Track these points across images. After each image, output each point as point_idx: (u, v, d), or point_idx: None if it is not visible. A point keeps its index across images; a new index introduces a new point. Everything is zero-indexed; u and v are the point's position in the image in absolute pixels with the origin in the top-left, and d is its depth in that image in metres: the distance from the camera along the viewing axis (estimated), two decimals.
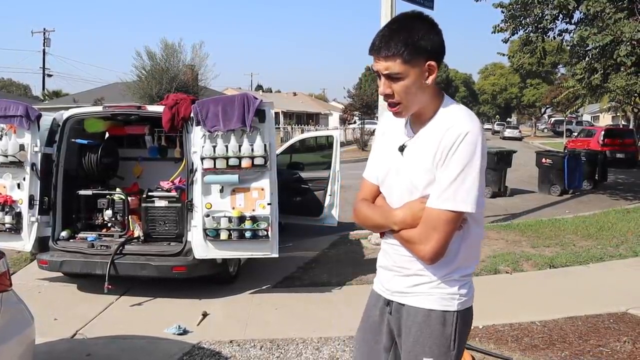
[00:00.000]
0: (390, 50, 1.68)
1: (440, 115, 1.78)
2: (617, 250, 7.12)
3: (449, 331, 1.83)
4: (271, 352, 4.07)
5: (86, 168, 5.76)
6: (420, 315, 1.84)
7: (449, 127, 1.72)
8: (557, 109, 35.79)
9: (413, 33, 1.69)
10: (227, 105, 4.86)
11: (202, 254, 4.98)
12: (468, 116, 1.76)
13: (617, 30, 8.24)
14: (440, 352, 1.83)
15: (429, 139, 1.76)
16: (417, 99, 1.75)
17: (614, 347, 4.11)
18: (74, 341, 4.32)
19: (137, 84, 22.06)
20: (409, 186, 1.81)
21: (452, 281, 1.83)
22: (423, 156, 1.77)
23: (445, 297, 1.83)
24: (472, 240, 1.85)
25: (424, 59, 1.70)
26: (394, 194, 1.88)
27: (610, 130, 21.84)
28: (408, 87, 1.71)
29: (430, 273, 1.82)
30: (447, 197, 1.70)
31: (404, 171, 1.83)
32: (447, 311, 1.82)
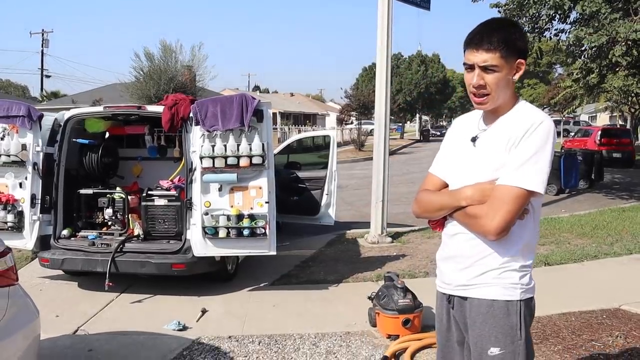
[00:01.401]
0: (493, 45, 1.84)
1: (515, 110, 1.93)
2: (612, 248, 7.21)
3: (514, 320, 1.88)
4: (269, 347, 4.15)
5: (87, 167, 5.84)
6: (484, 306, 1.91)
7: (525, 117, 1.86)
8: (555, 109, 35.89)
9: (510, 33, 1.87)
10: (225, 105, 4.93)
11: (201, 251, 5.05)
12: (542, 112, 1.92)
13: (613, 31, 8.33)
14: (506, 342, 1.88)
15: (503, 128, 1.89)
16: (503, 93, 1.89)
17: (606, 341, 4.19)
18: (75, 337, 4.40)
19: (136, 84, 22.02)
20: (480, 172, 1.91)
21: (512, 271, 1.90)
22: (496, 143, 1.88)
23: (507, 287, 1.90)
24: (531, 232, 1.94)
25: (515, 57, 1.87)
26: (462, 182, 1.96)
27: (607, 130, 21.94)
28: (500, 79, 1.86)
29: (492, 261, 1.90)
30: (519, 175, 1.80)
31: (475, 159, 1.94)
32: (510, 301, 1.89)
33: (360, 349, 4.10)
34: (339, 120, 40.38)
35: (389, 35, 7.44)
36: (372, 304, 4.46)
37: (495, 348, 1.89)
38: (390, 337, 4.20)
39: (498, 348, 1.89)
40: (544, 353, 3.98)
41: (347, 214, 10.60)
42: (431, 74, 41.79)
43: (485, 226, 1.83)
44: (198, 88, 23.88)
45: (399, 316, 4.13)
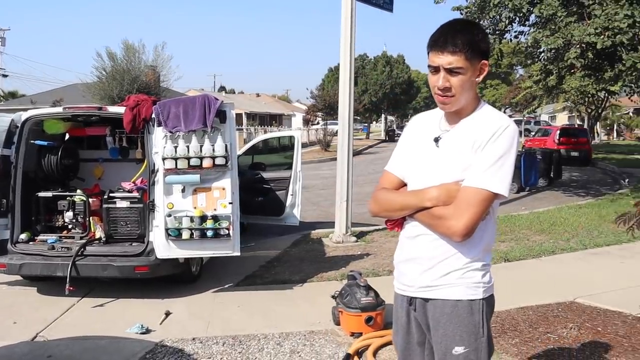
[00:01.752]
0: (457, 47, 1.85)
1: (479, 112, 1.96)
2: (568, 243, 7.45)
3: (477, 319, 1.92)
4: (233, 348, 4.16)
5: (46, 170, 5.70)
6: (448, 306, 1.93)
7: (491, 121, 1.90)
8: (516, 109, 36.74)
9: (474, 35, 1.89)
10: (188, 106, 4.91)
11: (164, 253, 5.02)
12: (506, 116, 1.97)
13: (568, 34, 8.61)
14: (470, 340, 1.93)
15: (468, 130, 1.92)
16: (467, 94, 1.92)
17: (560, 333, 4.35)
18: (34, 344, 4.30)
19: (98, 84, 21.66)
20: (445, 173, 1.92)
21: (475, 270, 1.93)
22: (461, 145, 1.91)
23: (470, 287, 1.93)
24: (491, 232, 1.99)
25: (479, 59, 1.90)
26: (424, 183, 1.97)
27: (565, 130, 22.60)
28: (464, 81, 1.88)
29: (455, 261, 1.92)
30: (485, 178, 1.83)
31: (438, 160, 1.95)
32: (473, 300, 1.93)
33: (324, 348, 4.15)
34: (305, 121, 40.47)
35: (352, 36, 7.51)
36: (336, 302, 4.51)
37: (460, 347, 1.93)
38: (354, 335, 4.26)
39: (462, 347, 1.93)
40: (502, 346, 4.10)
41: (312, 214, 10.64)
42: (396, 74, 42.22)
43: (452, 227, 1.85)
44: (162, 88, 23.61)
45: (361, 314, 4.19)
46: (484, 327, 1.94)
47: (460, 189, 1.87)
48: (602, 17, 8.00)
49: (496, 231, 2.01)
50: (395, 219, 2.10)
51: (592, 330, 4.41)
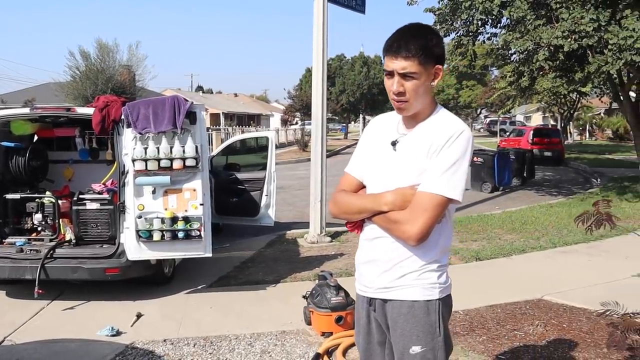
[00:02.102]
0: (411, 52, 1.86)
1: (436, 116, 1.98)
2: (538, 242, 7.61)
3: (434, 319, 1.95)
4: (204, 349, 4.16)
5: (13, 171, 5.61)
6: (405, 307, 1.97)
7: (446, 125, 1.92)
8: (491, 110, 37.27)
9: (427, 40, 1.90)
10: (157, 107, 4.89)
11: (135, 255, 4.99)
12: (461, 121, 1.99)
13: (537, 36, 8.78)
14: (427, 339, 1.95)
15: (424, 134, 1.94)
16: (422, 98, 1.93)
17: (527, 330, 4.44)
18: (1, 348, 4.24)
19: (71, 84, 21.29)
20: (401, 177, 1.94)
21: (431, 272, 1.96)
22: (417, 149, 1.93)
23: (426, 287, 1.96)
24: (447, 235, 2.02)
25: (433, 63, 1.91)
26: (382, 186, 1.99)
27: (538, 130, 22.99)
28: (418, 86, 1.90)
29: (411, 263, 1.95)
30: (440, 183, 1.86)
31: (395, 164, 1.97)
32: (429, 300, 1.96)
33: (295, 347, 4.18)
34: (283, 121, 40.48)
35: (324, 37, 7.56)
36: (307, 302, 4.54)
37: (417, 346, 1.97)
38: (324, 334, 4.29)
39: (419, 346, 1.96)
40: (469, 344, 4.17)
41: (288, 214, 10.66)
42: (374, 75, 42.41)
43: (407, 232, 1.89)
44: (138, 88, 23.33)
45: (331, 314, 4.23)
46: (440, 327, 1.97)
47: (415, 193, 1.90)
48: (569, 21, 8.19)
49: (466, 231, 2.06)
50: (354, 221, 2.13)
51: (557, 327, 4.52)
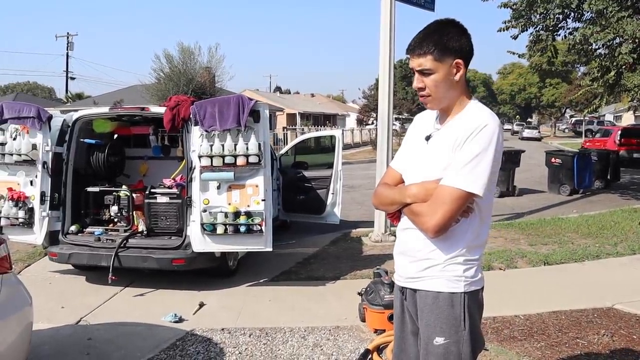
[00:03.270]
0: (423, 49, 1.95)
1: (466, 111, 2.01)
2: (615, 248, 7.19)
3: (458, 312, 1.98)
4: (259, 340, 4.31)
5: (94, 166, 6.08)
6: (430, 297, 2.01)
7: (471, 119, 1.95)
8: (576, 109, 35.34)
9: (444, 35, 1.95)
10: (223, 106, 5.11)
11: (200, 247, 5.24)
12: (490, 114, 2.00)
13: (620, 29, 8.28)
14: (451, 332, 1.98)
15: (452, 129, 1.98)
16: (446, 93, 1.98)
17: (591, 339, 4.23)
18: (77, 327, 4.62)
19: (156, 86, 22.49)
20: (429, 170, 2.00)
21: (457, 264, 1.99)
22: (444, 143, 1.97)
23: (451, 280, 1.98)
24: (476, 230, 2.01)
25: (452, 58, 1.95)
26: (413, 179, 2.07)
27: (627, 130, 21.58)
28: (437, 81, 1.96)
29: (437, 256, 1.99)
30: (459, 177, 1.89)
31: (426, 158, 2.04)
32: (454, 293, 1.98)
33: (347, 343, 4.23)
34: (358, 121, 40.47)
35: (391, 36, 7.53)
36: (361, 299, 4.58)
37: (440, 337, 1.98)
38: (377, 331, 4.31)
39: (443, 338, 1.98)
40: (526, 349, 4.05)
41: (357, 213, 10.70)
42: None
43: (425, 224, 1.94)
44: (217, 89, 24.23)
45: (384, 311, 4.24)
46: (465, 320, 1.97)
47: (437, 187, 1.93)
48: None
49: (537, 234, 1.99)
50: (391, 212, 2.19)
51: (626, 337, 4.28)
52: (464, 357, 1.99)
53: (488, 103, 63.70)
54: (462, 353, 1.98)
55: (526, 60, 14.24)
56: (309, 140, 9.27)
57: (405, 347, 2.22)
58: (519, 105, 62.48)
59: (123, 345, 4.20)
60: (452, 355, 1.99)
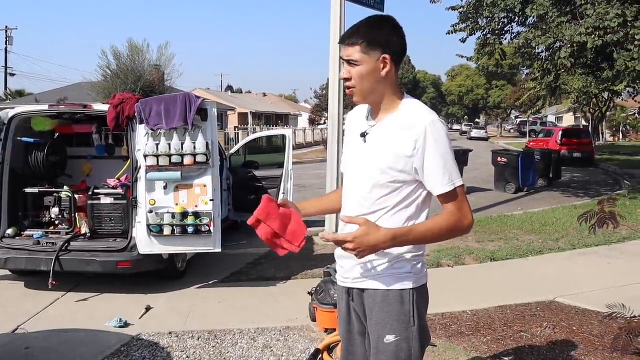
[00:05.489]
0: (352, 40, 1.93)
1: (403, 107, 1.97)
2: (557, 244, 7.45)
3: (407, 308, 1.95)
4: (208, 342, 4.22)
5: (32, 166, 5.79)
6: (380, 296, 1.98)
7: (417, 119, 1.91)
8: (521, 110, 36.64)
9: (375, 29, 1.93)
10: (169, 104, 4.99)
11: (146, 249, 5.10)
12: (428, 109, 1.98)
13: (559, 33, 8.60)
14: (401, 329, 1.96)
15: (396, 126, 1.94)
16: (371, 87, 1.95)
17: (534, 332, 4.36)
18: (14, 336, 4.40)
19: (102, 83, 21.82)
20: (369, 169, 1.97)
21: (404, 261, 1.97)
22: (391, 141, 1.93)
23: (400, 277, 1.96)
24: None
25: (379, 52, 1.92)
26: (353, 179, 2.04)
27: (567, 131, 22.52)
28: (362, 73, 1.93)
29: (384, 255, 1.95)
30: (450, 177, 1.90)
31: (365, 155, 1.99)
32: (403, 289, 1.96)
33: (297, 343, 4.20)
34: (310, 121, 40.58)
35: (341, 34, 7.54)
36: (312, 299, 4.56)
37: (391, 335, 1.97)
38: (327, 331, 4.30)
39: (393, 335, 1.97)
40: (473, 344, 4.13)
41: None
42: (401, 75, 42.25)
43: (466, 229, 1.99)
44: (167, 87, 23.73)
45: (334, 310, 4.21)
46: (415, 317, 1.97)
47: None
48: (593, 17, 7.99)
49: (484, 231, 2.04)
50: None
51: (567, 329, 4.43)
52: (414, 353, 1.99)
53: (437, 104, 65.15)
54: (412, 349, 1.97)
55: (474, 63, 14.63)
56: (260, 140, 9.20)
57: (353, 349, 2.19)
58: (467, 106, 64.09)
59: (64, 353, 4.02)
60: (403, 352, 1.98)
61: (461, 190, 1.93)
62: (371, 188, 1.97)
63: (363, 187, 2.00)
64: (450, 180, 1.90)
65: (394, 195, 1.96)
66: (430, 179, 1.91)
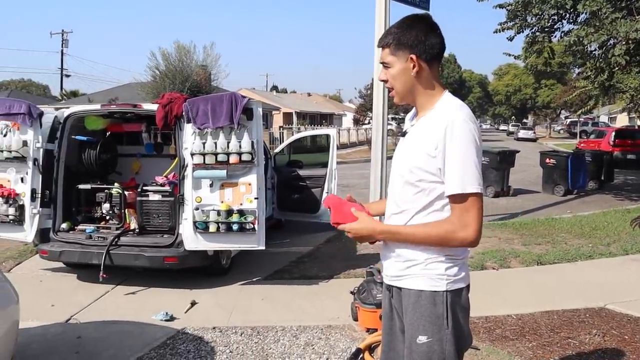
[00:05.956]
0: (382, 43, 1.98)
1: (437, 106, 1.98)
2: (608, 248, 7.19)
3: (440, 310, 1.94)
4: (250, 338, 4.29)
5: (85, 164, 6.04)
6: (413, 296, 1.98)
7: (439, 117, 1.91)
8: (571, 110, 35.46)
9: (404, 30, 1.94)
10: (216, 104, 5.08)
11: (192, 245, 5.21)
12: (457, 107, 1.95)
13: (613, 30, 8.29)
14: (434, 330, 1.95)
15: (426, 126, 1.95)
16: (405, 87, 1.98)
17: (582, 339, 4.23)
18: (67, 325, 4.59)
19: (151, 83, 22.41)
20: (402, 167, 2.00)
21: (438, 262, 1.95)
22: (420, 140, 1.94)
23: (433, 278, 1.95)
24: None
25: (406, 52, 1.94)
26: (392, 175, 2.08)
27: (620, 131, 21.63)
28: (394, 75, 1.98)
29: (418, 255, 1.97)
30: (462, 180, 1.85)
31: (402, 154, 2.04)
32: (436, 291, 1.95)
33: (338, 342, 4.22)
34: (355, 120, 40.49)
35: None
36: (354, 298, 4.56)
37: (423, 336, 1.96)
38: (369, 330, 4.30)
39: (425, 336, 1.96)
40: (517, 349, 4.04)
41: None
42: (447, 74, 41.69)
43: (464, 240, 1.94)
44: (213, 87, 24.17)
45: (376, 310, 4.22)
46: (448, 319, 1.95)
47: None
48: None
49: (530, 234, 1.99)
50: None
51: (617, 338, 4.28)
52: (447, 355, 1.97)
53: (484, 104, 63.87)
54: (446, 352, 1.95)
55: (522, 62, 14.26)
56: (304, 139, 9.25)
57: (394, 345, 2.20)
58: (515, 106, 62.58)
59: (113, 344, 4.17)
60: (436, 354, 1.96)
61: (472, 199, 1.85)
62: (402, 186, 2.00)
63: (397, 186, 2.04)
64: (461, 184, 1.84)
65: (422, 195, 1.95)
66: (446, 178, 1.88)
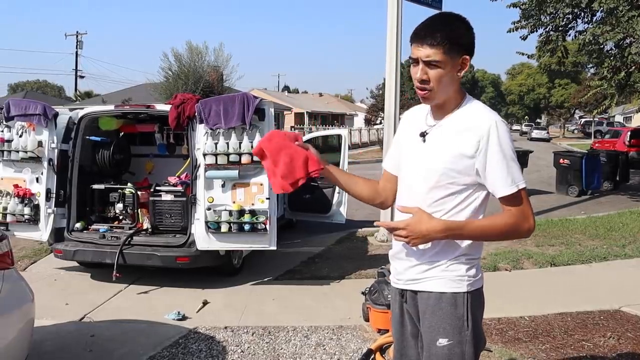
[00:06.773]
0: (436, 40, 1.86)
1: (465, 108, 1.96)
2: (623, 250, 7.11)
3: (461, 312, 1.94)
4: (262, 338, 4.30)
5: (99, 164, 6.10)
6: (433, 298, 1.97)
7: (480, 119, 1.90)
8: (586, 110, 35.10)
9: (454, 29, 1.90)
10: (228, 104, 5.11)
11: (204, 245, 5.24)
12: (490, 110, 1.97)
13: (630, 28, 8.19)
14: (454, 332, 1.94)
15: (456, 126, 1.93)
16: (446, 88, 1.92)
17: (597, 342, 4.19)
18: (80, 323, 4.64)
19: (164, 84, 22.53)
20: (429, 169, 1.96)
21: (459, 264, 1.95)
22: (448, 142, 1.92)
23: (454, 280, 1.95)
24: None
25: (461, 54, 1.90)
26: (412, 178, 2.03)
27: (636, 131, 21.31)
28: (442, 75, 1.88)
29: (440, 257, 1.96)
30: (512, 178, 1.88)
31: (425, 155, 1.98)
32: (457, 293, 1.95)
33: (350, 342, 4.21)
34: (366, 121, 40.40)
35: (398, 35, 7.49)
36: (365, 299, 4.56)
37: (444, 339, 1.95)
38: (380, 331, 4.29)
39: (446, 339, 1.94)
40: (530, 351, 4.01)
41: (363, 212, 10.61)
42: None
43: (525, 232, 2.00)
44: (225, 87, 24.26)
45: (387, 311, 4.20)
46: (469, 320, 1.94)
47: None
48: None
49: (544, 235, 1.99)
50: None
51: (633, 340, 4.22)
52: (467, 357, 1.96)
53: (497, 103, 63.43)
54: (466, 353, 1.94)
55: (535, 61, 14.15)
56: (315, 139, 9.23)
57: (406, 351, 2.18)
58: (528, 105, 62.09)
59: (126, 342, 4.20)
60: (456, 356, 1.95)
61: (524, 193, 1.90)
62: (429, 189, 1.95)
63: (421, 188, 1.98)
64: (513, 182, 1.87)
65: (452, 197, 1.94)
66: (492, 180, 1.89)
